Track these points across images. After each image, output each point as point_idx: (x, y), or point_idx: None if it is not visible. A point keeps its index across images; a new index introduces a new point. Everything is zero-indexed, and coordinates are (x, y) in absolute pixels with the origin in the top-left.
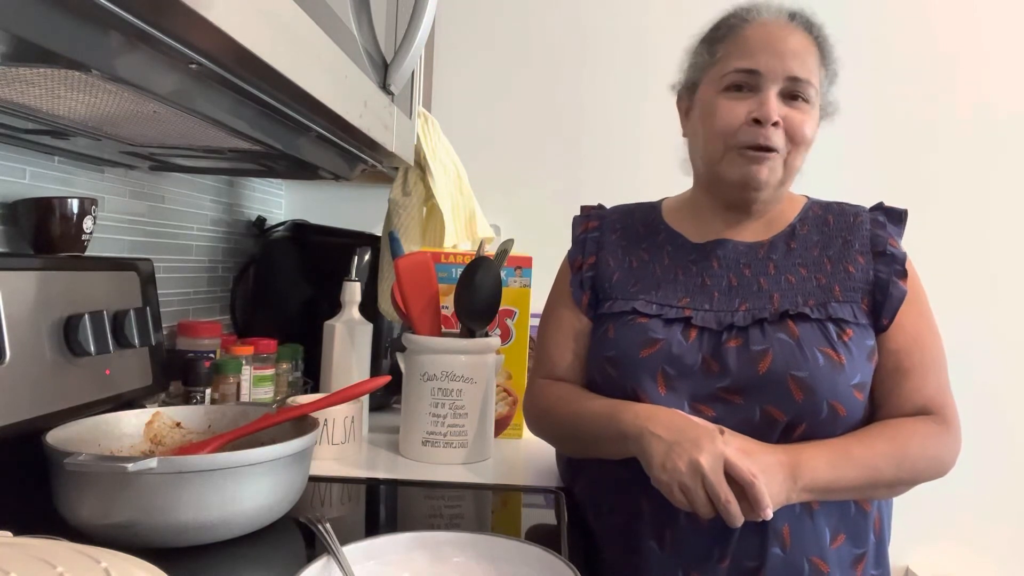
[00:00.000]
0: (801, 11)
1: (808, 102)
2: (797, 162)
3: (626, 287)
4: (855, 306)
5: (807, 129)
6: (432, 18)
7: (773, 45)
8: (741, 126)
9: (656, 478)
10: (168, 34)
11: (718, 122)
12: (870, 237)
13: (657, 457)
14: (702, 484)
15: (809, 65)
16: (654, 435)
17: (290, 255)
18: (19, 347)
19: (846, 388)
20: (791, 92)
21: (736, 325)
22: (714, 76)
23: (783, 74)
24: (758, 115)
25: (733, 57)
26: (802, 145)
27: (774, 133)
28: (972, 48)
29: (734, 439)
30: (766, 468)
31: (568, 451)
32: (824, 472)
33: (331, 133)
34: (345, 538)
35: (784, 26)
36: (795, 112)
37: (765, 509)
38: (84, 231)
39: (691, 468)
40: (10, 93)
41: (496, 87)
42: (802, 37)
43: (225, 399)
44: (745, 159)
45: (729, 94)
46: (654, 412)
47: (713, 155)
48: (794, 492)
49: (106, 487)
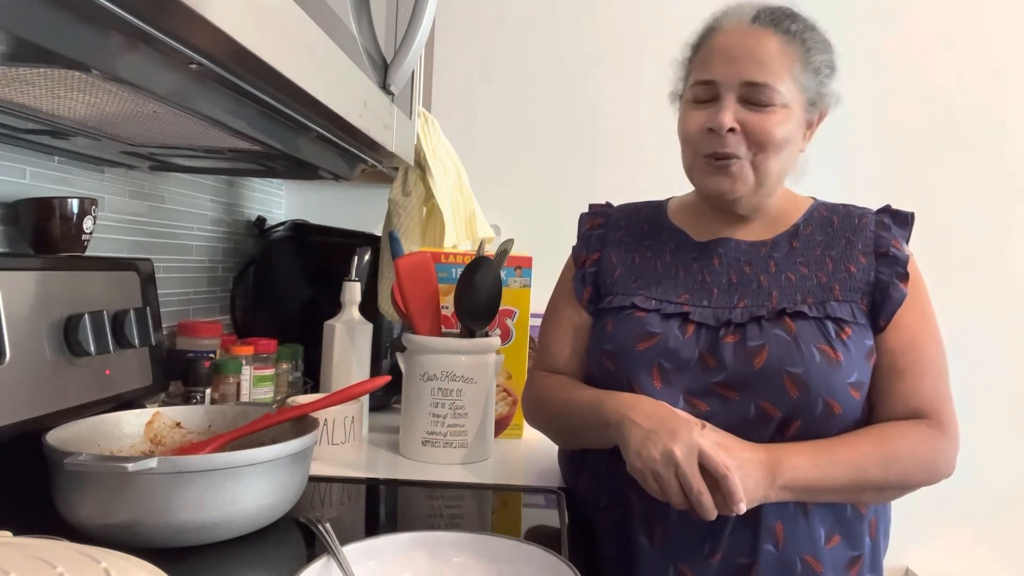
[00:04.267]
0: (769, 9)
1: (774, 104)
2: (771, 164)
3: (627, 283)
4: (854, 306)
5: (774, 130)
6: (432, 18)
7: (729, 52)
8: (700, 135)
9: (631, 465)
10: (168, 34)
11: (683, 132)
12: (874, 238)
13: (633, 444)
14: (675, 474)
15: (770, 66)
16: (633, 423)
17: (290, 255)
18: (19, 347)
19: (842, 385)
20: (750, 97)
21: (734, 321)
22: (687, 87)
23: (737, 80)
24: (711, 124)
25: (698, 69)
26: (770, 147)
27: (731, 140)
28: (979, 52)
29: (713, 433)
30: (743, 463)
31: (561, 442)
32: (805, 471)
33: (331, 133)
34: (345, 538)
35: (745, 31)
36: (755, 115)
37: (738, 503)
38: (84, 231)
39: (665, 457)
40: (10, 93)
41: (496, 87)
42: (765, 37)
43: (225, 399)
44: (710, 169)
45: (694, 104)
46: (637, 401)
47: (686, 163)
48: (772, 490)
49: (106, 487)
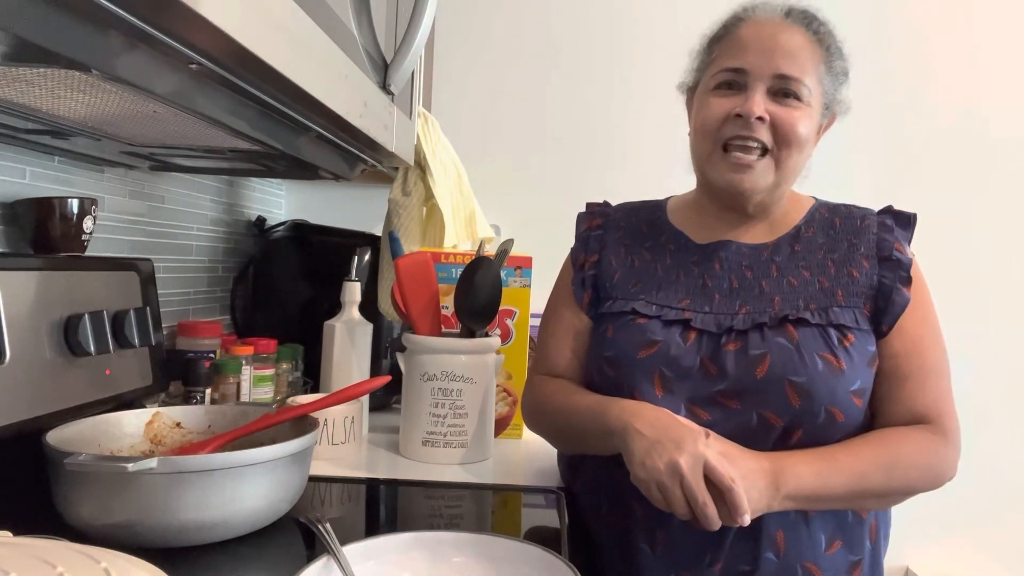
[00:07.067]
0: (800, 7)
1: (800, 99)
2: (792, 162)
3: (627, 287)
4: (857, 311)
5: (800, 127)
6: (432, 18)
7: (763, 42)
8: (725, 121)
9: (635, 475)
10: (168, 34)
11: (704, 118)
12: (876, 241)
13: (638, 454)
14: (680, 485)
15: (801, 62)
16: (637, 432)
17: (290, 255)
18: (19, 347)
19: (845, 394)
20: (780, 90)
21: (735, 328)
22: (708, 76)
23: (771, 71)
24: (740, 110)
25: (725, 56)
26: (794, 144)
27: (759, 127)
28: (967, 54)
29: (717, 443)
30: (747, 474)
31: (562, 447)
32: (808, 480)
33: (331, 133)
34: (345, 538)
35: (778, 24)
36: (784, 109)
37: (743, 515)
38: (84, 231)
39: (670, 468)
40: (10, 93)
41: (496, 87)
42: (797, 34)
43: (225, 399)
44: (728, 165)
45: (718, 92)
46: (640, 409)
47: (701, 153)
48: (775, 500)
49: (106, 487)
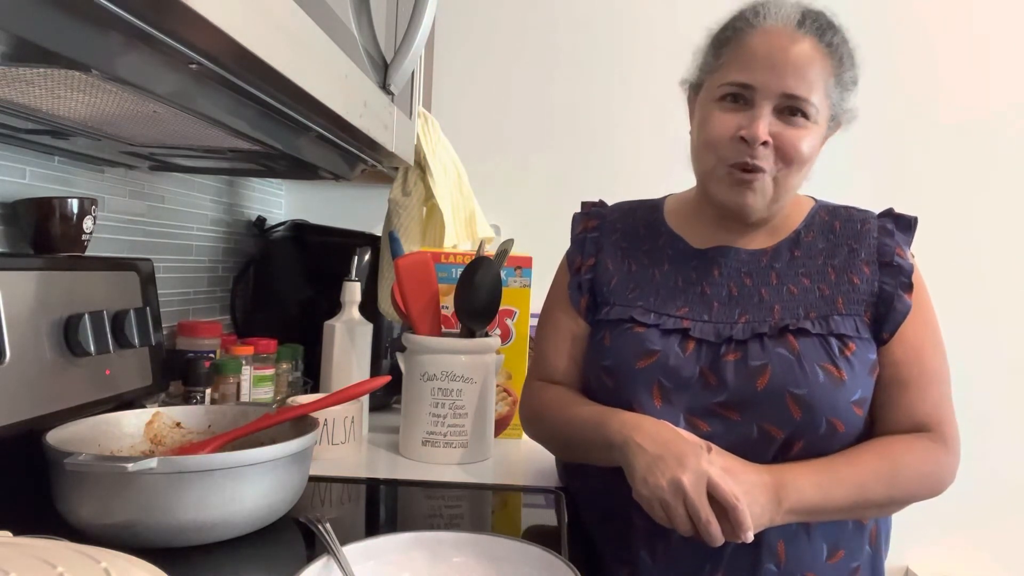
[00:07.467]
0: (814, 14)
1: (807, 118)
2: (792, 180)
3: (624, 292)
4: (858, 319)
5: (803, 147)
6: (432, 18)
7: (773, 57)
8: (729, 141)
9: (637, 492)
10: (168, 34)
11: (708, 134)
12: (877, 246)
13: (639, 470)
14: (683, 503)
15: (810, 80)
16: (639, 446)
17: (290, 255)
18: (19, 347)
19: (845, 404)
20: (787, 107)
21: (735, 338)
22: (714, 82)
23: (778, 91)
24: (745, 134)
25: (732, 67)
26: (795, 163)
27: (762, 153)
28: (969, 55)
29: (719, 457)
30: (749, 489)
31: (561, 456)
32: (810, 494)
33: (331, 133)
34: (345, 538)
35: (790, 35)
36: (789, 130)
37: (746, 532)
38: (84, 231)
39: (672, 486)
40: (10, 93)
41: (496, 87)
42: (808, 47)
43: (225, 399)
44: (731, 181)
45: (723, 104)
46: (640, 422)
47: (704, 166)
48: (778, 515)
49: (106, 487)
